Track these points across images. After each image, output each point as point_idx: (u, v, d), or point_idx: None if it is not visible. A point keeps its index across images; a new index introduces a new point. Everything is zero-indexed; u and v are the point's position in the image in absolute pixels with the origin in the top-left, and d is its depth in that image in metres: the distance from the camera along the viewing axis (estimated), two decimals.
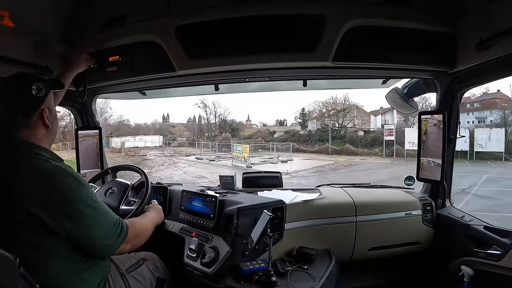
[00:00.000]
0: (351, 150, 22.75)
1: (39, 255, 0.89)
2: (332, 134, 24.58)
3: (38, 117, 0.98)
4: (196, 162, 19.95)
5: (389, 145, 21.32)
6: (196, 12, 1.44)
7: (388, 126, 22.76)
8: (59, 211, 0.88)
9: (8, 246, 0.82)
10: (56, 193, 0.89)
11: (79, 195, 0.91)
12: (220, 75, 1.72)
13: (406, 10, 1.40)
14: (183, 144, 27.32)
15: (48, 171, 0.91)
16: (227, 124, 29.83)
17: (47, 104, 1.00)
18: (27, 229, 0.87)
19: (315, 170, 16.87)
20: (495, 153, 16.97)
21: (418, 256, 1.88)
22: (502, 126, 18.30)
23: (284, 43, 1.44)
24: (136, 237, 1.10)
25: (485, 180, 12.29)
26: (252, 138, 27.35)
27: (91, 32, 1.62)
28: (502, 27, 1.15)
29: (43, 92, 0.99)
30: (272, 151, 22.19)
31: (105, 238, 0.97)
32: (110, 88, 1.92)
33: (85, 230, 0.92)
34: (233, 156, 19.27)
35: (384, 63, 1.52)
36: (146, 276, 1.30)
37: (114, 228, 0.99)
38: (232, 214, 1.47)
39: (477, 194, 10.31)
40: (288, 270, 1.43)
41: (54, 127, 1.04)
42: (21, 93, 0.97)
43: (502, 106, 19.86)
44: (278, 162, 19.65)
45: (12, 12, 1.22)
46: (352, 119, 26.00)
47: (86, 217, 0.92)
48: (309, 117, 28.72)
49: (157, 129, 30.53)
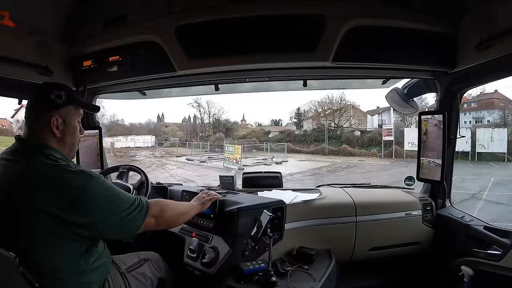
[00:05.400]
0: (348, 150, 22.08)
1: (47, 252, 0.90)
2: (328, 134, 24.06)
3: (47, 121, 1.00)
4: (186, 164, 18.77)
5: (386, 146, 20.90)
6: (196, 12, 1.44)
7: (387, 126, 22.25)
8: (76, 209, 0.90)
9: (14, 243, 0.83)
10: (70, 192, 0.90)
11: (91, 188, 0.93)
12: (220, 75, 1.71)
13: (406, 10, 1.40)
14: (175, 145, 26.58)
15: (59, 172, 0.93)
16: (221, 124, 29.33)
17: (62, 114, 1.02)
18: (39, 227, 0.88)
19: (312, 173, 15.79)
20: (497, 154, 16.61)
21: (418, 256, 1.88)
22: (502, 126, 18.01)
23: (284, 43, 1.44)
24: (162, 212, 1.11)
25: (493, 183, 11.54)
26: (246, 138, 26.78)
27: (91, 32, 1.62)
28: (502, 27, 1.15)
29: (61, 100, 1.02)
30: (266, 152, 21.37)
31: (126, 216, 0.99)
32: (110, 88, 1.92)
33: (106, 216, 0.95)
34: (225, 158, 18.23)
35: (384, 63, 1.51)
36: (147, 275, 1.30)
37: (134, 205, 1.01)
38: (232, 214, 1.46)
39: (489, 200, 9.48)
40: (288, 270, 1.43)
41: (66, 139, 1.04)
42: (42, 92, 1.03)
43: (500, 106, 19.70)
44: (272, 163, 18.69)
45: (12, 12, 1.22)
46: (349, 118, 25.49)
47: (103, 204, 0.95)
48: (305, 117, 28.18)
49: (151, 129, 29.97)
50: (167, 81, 1.76)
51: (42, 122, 1.00)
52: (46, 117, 1.00)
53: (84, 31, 1.62)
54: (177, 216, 1.22)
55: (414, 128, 20.84)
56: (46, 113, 1.00)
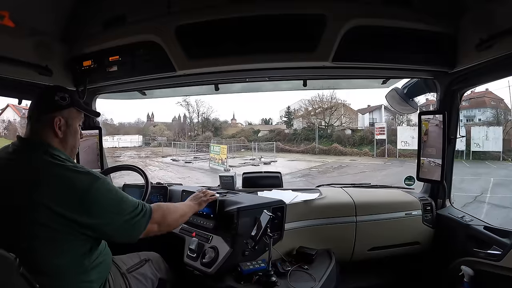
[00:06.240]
0: (339, 149, 21.59)
1: (49, 250, 0.90)
2: (319, 133, 23.59)
3: (50, 121, 1.02)
4: (170, 165, 17.91)
5: (378, 144, 20.40)
6: (196, 12, 1.44)
7: (379, 124, 21.70)
8: (79, 209, 0.91)
9: (14, 243, 0.83)
10: (74, 191, 0.91)
11: (96, 189, 0.94)
12: (220, 75, 1.71)
13: (406, 10, 1.40)
14: (163, 144, 25.92)
15: (64, 171, 0.94)
16: (210, 123, 28.95)
17: (65, 115, 1.04)
18: (41, 223, 0.88)
19: (302, 174, 14.75)
20: (492, 153, 16.25)
21: (418, 256, 1.88)
22: (495, 125, 17.68)
23: (284, 43, 1.44)
24: (164, 218, 1.13)
25: (494, 184, 11.00)
26: (235, 137, 26.31)
27: (91, 32, 1.62)
28: (502, 27, 1.15)
29: (65, 102, 1.04)
30: (255, 151, 20.61)
31: (130, 220, 1.01)
32: (110, 88, 1.92)
33: (109, 218, 0.97)
34: (210, 158, 17.39)
35: (384, 63, 1.51)
36: (147, 276, 1.30)
37: (137, 210, 1.03)
38: (232, 214, 1.47)
39: (493, 203, 8.91)
40: (288, 270, 1.43)
41: (68, 140, 1.06)
42: (47, 93, 1.06)
43: (491, 105, 19.48)
44: (260, 164, 17.85)
45: (12, 12, 1.22)
46: (339, 117, 25.02)
47: (107, 206, 0.96)
48: (295, 116, 27.73)
49: (141, 128, 29.49)
50: (167, 81, 1.76)
51: (45, 121, 1.01)
52: (49, 117, 1.02)
53: (84, 31, 1.62)
54: (177, 220, 1.23)
55: (406, 126, 20.53)
56: (49, 113, 1.02)
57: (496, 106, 19.41)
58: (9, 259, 0.77)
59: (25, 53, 1.42)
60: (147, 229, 1.06)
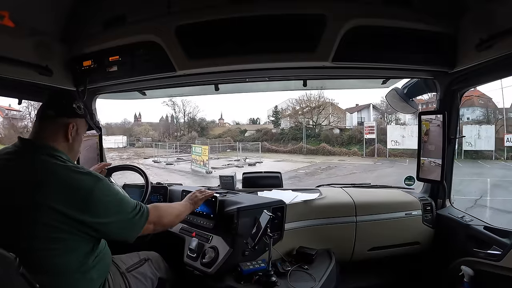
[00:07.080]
0: (327, 149, 21.13)
1: (49, 251, 0.91)
2: (306, 132, 23.21)
3: (65, 125, 1.06)
4: (151, 167, 16.71)
5: (367, 144, 20.04)
6: (196, 12, 1.44)
7: (369, 123, 21.22)
8: (82, 208, 0.93)
9: (14, 244, 0.83)
10: (78, 191, 0.93)
11: (98, 189, 0.97)
12: (220, 75, 1.71)
13: (406, 10, 1.40)
14: (148, 145, 25.04)
15: (67, 171, 0.95)
16: (196, 123, 28.52)
17: (77, 124, 1.10)
18: (43, 223, 0.89)
19: (289, 176, 13.68)
20: (484, 152, 16.05)
21: (418, 256, 1.88)
22: (486, 123, 17.40)
23: (284, 43, 1.44)
24: (159, 218, 1.16)
25: (492, 186, 10.75)
26: (221, 137, 25.87)
27: (91, 32, 1.62)
28: (502, 27, 1.15)
29: (80, 111, 1.11)
30: (240, 152, 19.79)
31: (129, 220, 1.04)
32: (110, 88, 1.92)
33: (111, 218, 0.99)
34: (192, 159, 16.67)
35: (384, 63, 1.51)
36: (147, 275, 1.30)
37: (135, 210, 1.06)
38: (232, 214, 1.47)
39: (495, 207, 8.56)
40: (288, 270, 1.43)
41: (75, 146, 1.11)
42: (67, 99, 1.11)
43: (480, 104, 19.26)
44: (245, 165, 17.02)
45: (12, 12, 1.22)
46: (327, 116, 24.66)
47: (108, 206, 0.99)
48: (282, 115, 27.32)
49: (127, 129, 28.83)
50: (167, 81, 1.76)
51: (60, 124, 1.05)
52: (65, 121, 1.06)
53: (84, 31, 1.62)
54: (172, 220, 1.26)
55: (396, 125, 20.34)
56: (66, 117, 1.07)
57: (484, 105, 19.24)
58: (8, 259, 0.77)
59: (25, 53, 1.42)
60: (143, 228, 1.08)
